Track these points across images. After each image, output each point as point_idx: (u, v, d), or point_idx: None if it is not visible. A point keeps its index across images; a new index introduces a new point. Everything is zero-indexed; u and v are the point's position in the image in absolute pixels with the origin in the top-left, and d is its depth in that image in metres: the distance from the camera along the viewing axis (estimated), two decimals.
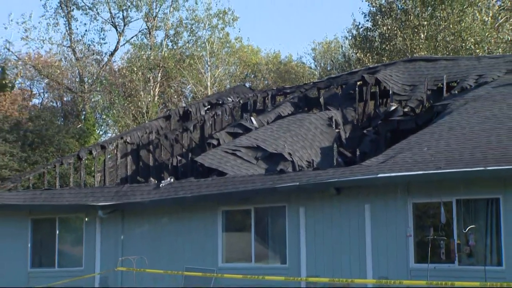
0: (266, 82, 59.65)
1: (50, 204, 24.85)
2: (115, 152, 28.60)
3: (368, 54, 44.67)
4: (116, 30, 57.86)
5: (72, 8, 56.71)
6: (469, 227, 18.16)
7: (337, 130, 26.68)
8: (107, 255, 23.61)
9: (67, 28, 57.12)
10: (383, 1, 46.03)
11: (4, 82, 54.84)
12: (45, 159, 40.67)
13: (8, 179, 31.53)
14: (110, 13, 57.18)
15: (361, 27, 48.34)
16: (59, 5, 56.55)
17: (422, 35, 42.21)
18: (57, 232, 24.89)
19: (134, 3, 55.69)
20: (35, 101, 60.13)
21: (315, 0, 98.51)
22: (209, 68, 55.25)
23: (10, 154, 41.61)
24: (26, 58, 58.21)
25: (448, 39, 41.50)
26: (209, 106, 31.76)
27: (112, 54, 58.76)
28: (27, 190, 26.66)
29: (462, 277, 17.49)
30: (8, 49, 57.67)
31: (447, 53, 39.72)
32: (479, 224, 18.24)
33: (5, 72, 56.93)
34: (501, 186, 17.85)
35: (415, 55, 36.97)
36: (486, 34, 41.12)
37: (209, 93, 47.99)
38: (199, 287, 21.51)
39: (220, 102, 31.71)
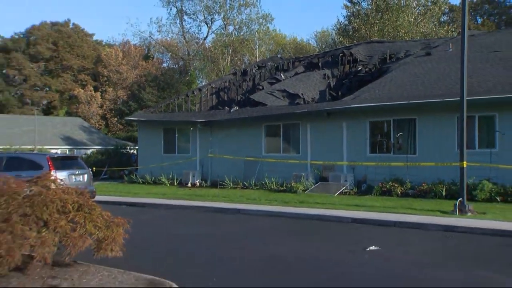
0: (289, 54, 58.47)
1: (172, 120, 25.16)
2: (207, 92, 28.59)
3: (346, 39, 43.62)
4: (207, 25, 57.37)
5: (183, 14, 56.56)
6: (399, 134, 18.05)
7: (328, 81, 26.23)
8: (202, 148, 23.92)
9: (180, 24, 56.97)
10: (354, 9, 44.75)
11: (148, 55, 56.37)
12: (169, 96, 40.90)
13: (150, 107, 31.80)
14: (204, 16, 56.68)
15: (342, 24, 47.04)
16: (176, 13, 56.49)
17: (376, 28, 41.00)
18: (176, 135, 25.20)
19: (217, 10, 55.34)
20: (164, 64, 60.84)
21: (314, 4, 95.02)
22: (257, 47, 54.71)
23: (151, 93, 42.23)
24: (160, 41, 58.76)
25: (390, 31, 40.38)
26: (257, 67, 31.35)
27: (204, 39, 58.46)
28: (161, 113, 26.91)
29: (395, 160, 17.52)
30: (151, 37, 58.51)
31: (390, 38, 38.50)
32: (404, 132, 18.07)
33: (149, 49, 59.09)
34: (417, 111, 17.71)
35: (372, 39, 35.83)
36: (411, 28, 40.06)
37: (257, 60, 47.33)
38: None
39: (264, 65, 31.24)
